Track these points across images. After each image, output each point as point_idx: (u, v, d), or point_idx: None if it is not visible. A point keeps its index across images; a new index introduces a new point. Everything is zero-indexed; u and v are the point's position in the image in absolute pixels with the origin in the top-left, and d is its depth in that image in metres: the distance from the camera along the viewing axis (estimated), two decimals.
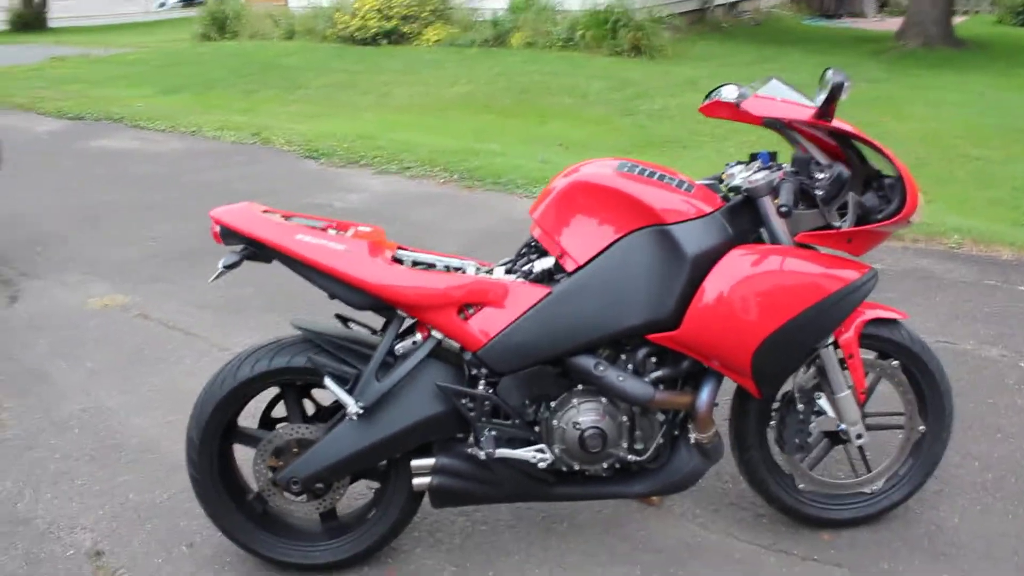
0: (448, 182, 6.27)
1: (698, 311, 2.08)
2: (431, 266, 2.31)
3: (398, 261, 2.31)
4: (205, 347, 3.70)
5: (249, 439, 2.33)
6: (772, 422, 2.36)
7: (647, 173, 2.18)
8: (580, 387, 2.22)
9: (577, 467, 2.24)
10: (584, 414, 2.20)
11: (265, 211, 2.25)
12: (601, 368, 2.15)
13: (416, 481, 2.25)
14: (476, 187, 6.15)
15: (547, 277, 2.22)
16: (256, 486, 2.33)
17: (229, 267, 2.13)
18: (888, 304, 2.38)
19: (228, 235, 2.18)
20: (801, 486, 2.44)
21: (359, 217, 5.40)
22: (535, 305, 2.14)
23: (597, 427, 2.18)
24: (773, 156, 2.29)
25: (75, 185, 6.24)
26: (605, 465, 2.25)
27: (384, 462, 2.31)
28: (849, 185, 2.21)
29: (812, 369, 2.32)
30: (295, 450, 2.26)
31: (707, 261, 2.09)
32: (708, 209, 2.15)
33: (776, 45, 12.45)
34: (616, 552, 2.44)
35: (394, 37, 12.34)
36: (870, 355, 2.37)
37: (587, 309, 2.13)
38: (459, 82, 9.96)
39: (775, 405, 2.36)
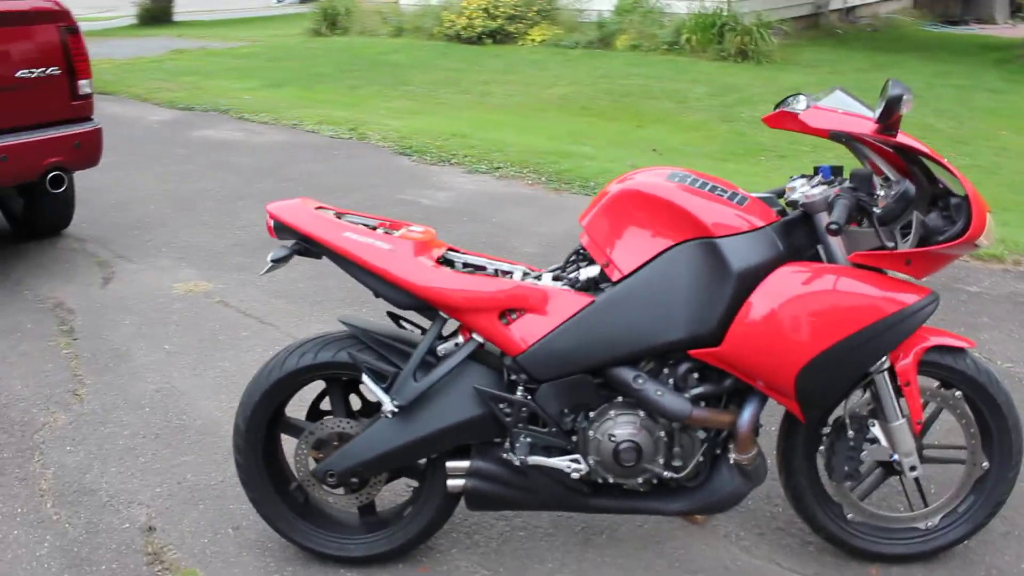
0: (536, 184, 6.27)
1: (741, 328, 2.01)
2: (480, 269, 2.31)
3: (448, 263, 2.33)
4: (278, 336, 3.81)
5: (295, 430, 2.39)
6: (821, 447, 2.26)
7: (699, 184, 2.12)
8: (620, 399, 2.18)
9: (612, 480, 2.20)
10: (621, 427, 2.16)
11: (318, 207, 2.30)
12: (640, 381, 2.11)
13: (451, 482, 2.25)
14: (564, 190, 6.12)
15: (592, 286, 2.18)
16: (297, 476, 2.38)
17: (277, 261, 2.18)
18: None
19: (281, 229, 2.24)
20: (850, 516, 2.33)
21: (446, 216, 5.52)
22: (577, 313, 2.12)
23: (633, 441, 2.14)
24: (837, 171, 2.20)
25: (179, 173, 6.53)
26: (640, 480, 2.20)
27: (422, 461, 2.33)
28: (914, 204, 2.10)
29: (866, 395, 2.21)
30: (335, 443, 2.30)
31: (755, 277, 2.01)
32: (760, 223, 2.07)
33: (892, 52, 11.93)
34: (652, 568, 2.39)
35: (499, 37, 12.42)
36: (932, 384, 2.25)
37: (628, 320, 2.09)
38: (560, 83, 9.95)
39: (825, 430, 2.26)
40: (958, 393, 2.22)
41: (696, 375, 2.14)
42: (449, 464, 2.24)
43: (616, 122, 8.27)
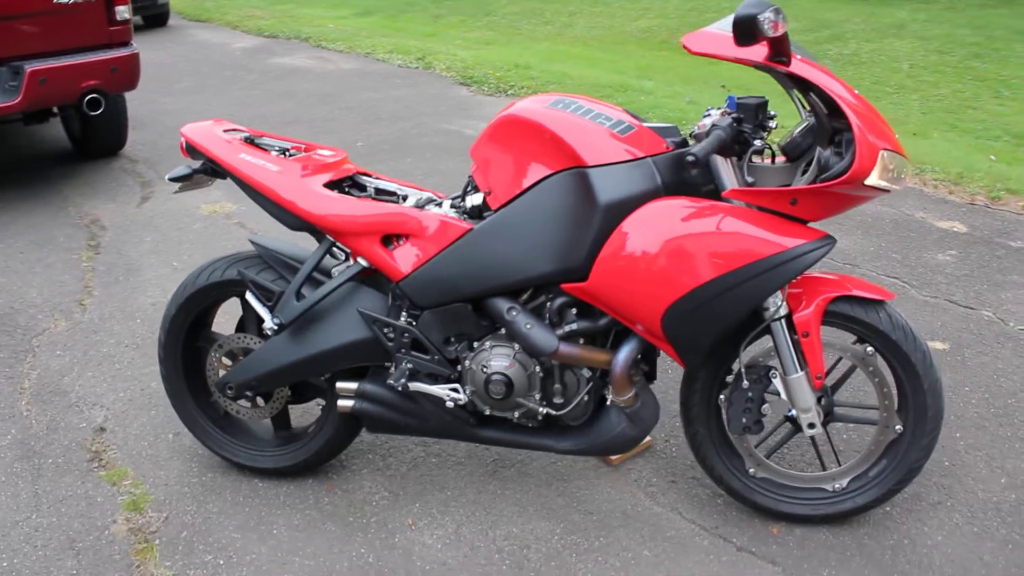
0: None
1: (604, 263, 1.92)
2: (389, 194, 2.30)
3: (359, 187, 2.33)
4: None
5: (212, 343, 2.47)
6: (722, 396, 2.16)
7: (582, 111, 2.02)
8: (501, 331, 2.14)
9: (488, 412, 2.18)
10: (495, 359, 2.12)
11: (227, 130, 2.33)
12: (513, 313, 2.06)
13: (341, 403, 2.29)
14: None
15: (477, 214, 2.14)
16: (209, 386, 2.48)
17: (175, 179, 2.24)
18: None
19: (190, 150, 2.30)
20: (751, 471, 2.23)
21: None
22: (455, 241, 2.08)
23: (503, 374, 2.10)
24: (765, 104, 2.03)
25: (244, 99, 6.74)
26: (518, 414, 2.18)
27: (327, 380, 2.36)
28: (817, 139, 1.94)
29: (770, 345, 2.08)
30: (240, 357, 2.37)
31: (624, 210, 1.91)
32: (640, 154, 1.96)
33: None
34: (549, 506, 2.36)
35: None
36: (850, 339, 2.10)
37: (501, 251, 2.04)
38: (647, 16, 9.62)
39: (730, 379, 2.15)
40: (870, 349, 2.07)
41: (575, 311, 2.07)
42: (339, 385, 2.27)
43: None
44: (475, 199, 2.14)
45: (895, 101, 6.41)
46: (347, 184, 2.33)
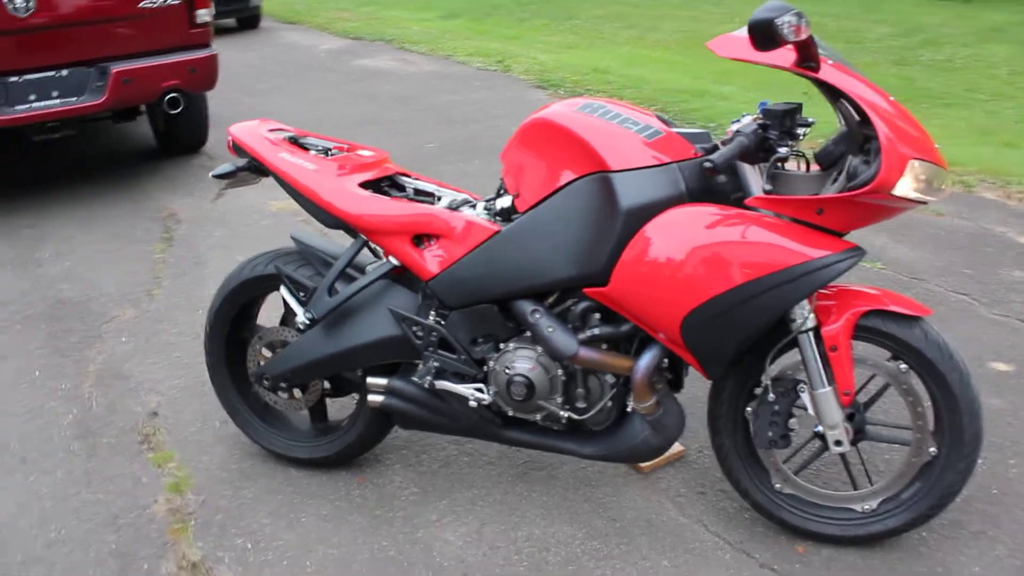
0: None
1: (625, 268, 1.91)
2: (427, 195, 2.34)
3: (398, 187, 2.38)
4: None
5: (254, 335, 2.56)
6: (749, 409, 2.11)
7: (610, 115, 2.01)
8: (527, 334, 2.14)
9: (510, 413, 2.19)
10: (519, 361, 2.13)
11: (272, 129, 2.41)
12: (537, 315, 2.07)
13: (371, 398, 2.33)
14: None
15: (506, 216, 2.15)
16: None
17: (219, 176, 2.33)
18: None
19: (237, 149, 2.39)
20: (778, 486, 2.17)
21: None
22: (483, 243, 2.10)
23: (524, 376, 2.11)
24: (794, 110, 1.99)
25: (325, 99, 6.93)
26: (540, 417, 2.18)
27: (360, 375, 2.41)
28: (848, 147, 1.88)
29: (800, 358, 2.03)
30: (279, 350, 2.45)
31: (647, 215, 1.90)
32: (665, 159, 1.94)
33: None
34: (573, 511, 2.36)
35: None
36: (884, 355, 2.02)
37: (526, 254, 2.05)
38: (734, 19, 9.43)
39: (758, 391, 2.11)
40: (903, 366, 1.99)
41: (598, 316, 2.06)
42: (369, 380, 2.32)
43: None
44: (504, 201, 2.16)
45: (989, 109, 6.13)
46: (386, 184, 2.38)
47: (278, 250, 2.47)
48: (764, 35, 1.67)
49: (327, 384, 2.47)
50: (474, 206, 2.27)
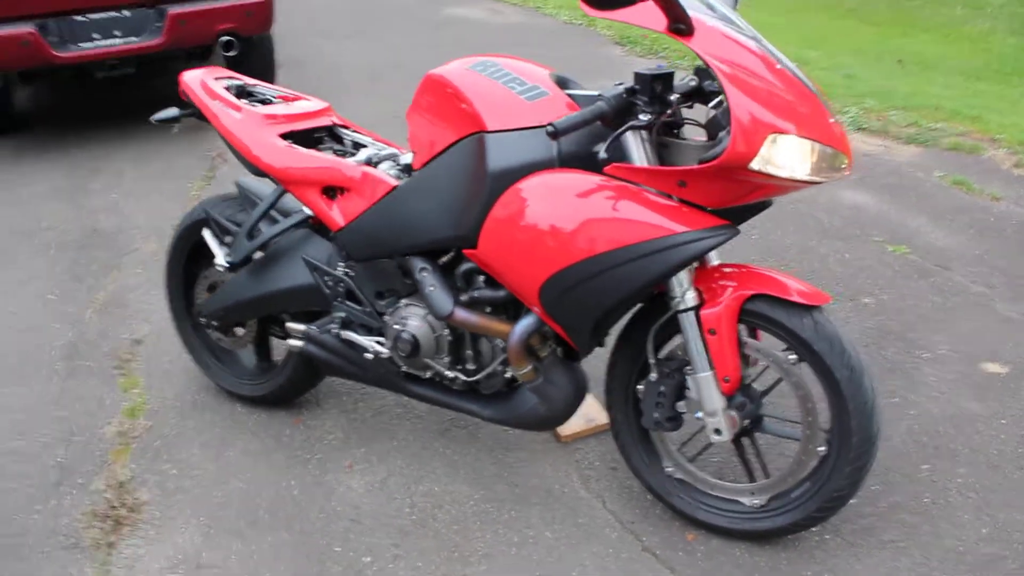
0: None
1: (487, 231, 1.88)
2: (360, 146, 2.36)
3: (336, 139, 2.41)
4: None
5: None
6: (639, 386, 2.04)
7: (498, 74, 1.95)
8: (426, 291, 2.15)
9: (403, 368, 2.21)
10: (410, 318, 2.15)
11: (220, 77, 2.48)
12: (423, 273, 2.07)
13: (290, 342, 2.40)
14: None
15: (408, 172, 2.14)
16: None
17: (160, 121, 2.42)
18: None
19: (184, 94, 2.48)
20: (668, 470, 2.11)
21: None
22: (382, 198, 2.11)
23: (410, 333, 2.12)
24: (666, 75, 1.84)
25: (405, 45, 6.99)
26: (429, 374, 2.19)
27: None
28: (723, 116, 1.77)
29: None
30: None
31: (512, 179, 1.85)
32: (542, 123, 1.87)
33: None
34: (480, 472, 2.37)
35: None
36: (778, 344, 1.91)
37: (413, 211, 2.04)
38: None
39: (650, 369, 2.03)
40: (792, 357, 1.87)
41: (482, 279, 2.04)
42: (288, 325, 2.39)
43: (877, 28, 7.24)
44: (407, 157, 2.15)
45: None
46: (324, 135, 2.41)
47: (226, 194, 2.55)
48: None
49: (279, 325, 2.55)
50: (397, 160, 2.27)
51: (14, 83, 5.19)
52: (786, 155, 1.64)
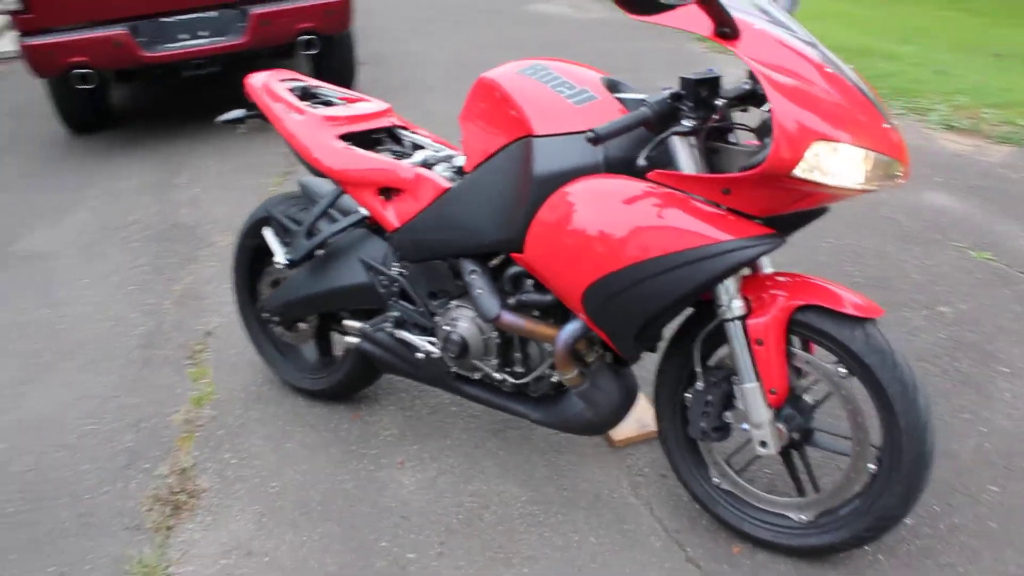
0: None
1: (533, 235, 1.88)
2: (418, 148, 2.39)
3: (396, 139, 2.45)
4: None
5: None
6: (688, 394, 2.01)
7: (549, 78, 1.94)
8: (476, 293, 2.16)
9: (452, 368, 2.23)
10: (460, 319, 2.16)
11: (283, 79, 2.54)
12: (473, 276, 2.08)
13: (347, 339, 2.45)
14: None
15: (461, 175, 2.16)
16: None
17: (225, 122, 2.50)
18: None
19: (248, 95, 2.55)
20: (715, 480, 2.07)
21: None
22: (434, 201, 2.13)
23: (458, 334, 2.14)
24: (712, 80, 1.79)
25: (487, 43, 7.04)
26: (478, 376, 2.20)
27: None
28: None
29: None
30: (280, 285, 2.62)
31: (558, 183, 1.84)
32: (592, 126, 1.85)
33: None
34: (530, 474, 2.37)
35: None
36: (831, 357, 1.85)
37: (463, 215, 2.06)
38: None
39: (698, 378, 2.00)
40: (843, 370, 1.81)
41: (531, 282, 2.04)
42: (345, 323, 2.44)
43: (984, 19, 6.91)
44: (462, 160, 2.16)
45: None
46: (384, 136, 2.45)
47: (288, 193, 2.62)
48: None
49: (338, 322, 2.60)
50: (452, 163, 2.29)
51: (110, 82, 5.44)
52: (835, 162, 1.58)
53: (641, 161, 1.73)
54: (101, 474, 2.49)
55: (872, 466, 1.84)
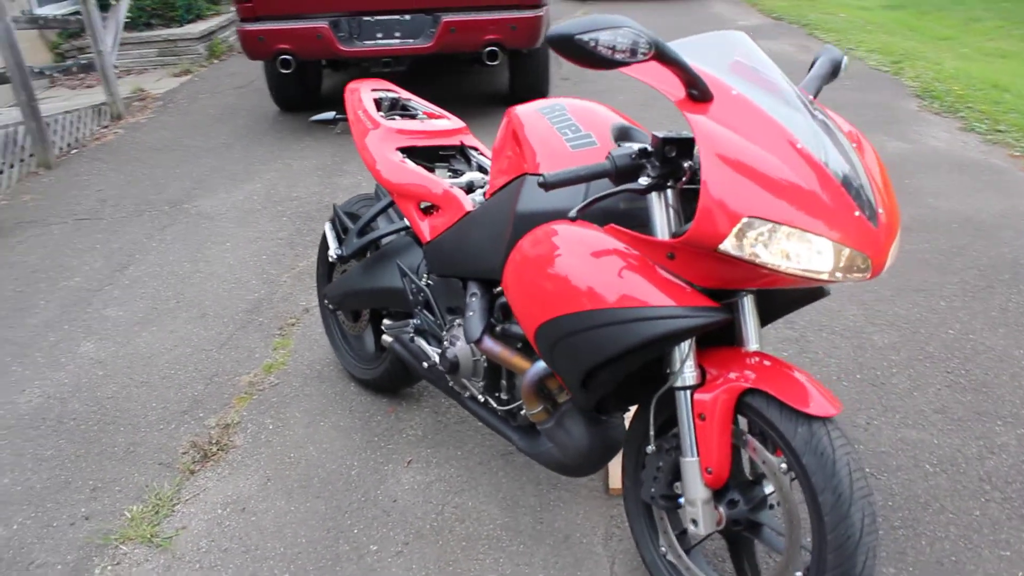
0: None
1: (506, 268, 1.92)
2: (482, 169, 2.52)
3: (466, 159, 2.59)
4: None
5: None
6: (647, 450, 1.97)
7: (559, 119, 1.98)
8: None
9: (451, 383, 2.31)
10: (459, 338, 2.24)
11: (376, 89, 2.75)
12: (472, 298, 2.15)
13: (384, 336, 2.61)
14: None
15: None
16: None
17: (316, 121, 2.73)
18: None
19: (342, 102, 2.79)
20: (663, 549, 2.00)
21: None
22: (457, 221, 2.23)
23: (453, 351, 2.22)
24: (681, 141, 1.72)
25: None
26: (468, 394, 2.27)
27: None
28: None
29: None
30: None
31: (533, 223, 1.86)
32: None
33: None
34: (516, 501, 2.41)
35: None
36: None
37: (471, 239, 2.14)
38: None
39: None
40: (783, 465, 1.70)
41: None
42: (384, 321, 2.60)
43: None
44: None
45: None
46: (455, 153, 2.59)
47: (363, 195, 2.82)
48: (569, 51, 1.52)
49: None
50: None
51: (318, 69, 5.99)
52: (784, 245, 1.50)
53: (572, 214, 1.71)
54: (163, 413, 2.83)
55: (799, 574, 1.71)
